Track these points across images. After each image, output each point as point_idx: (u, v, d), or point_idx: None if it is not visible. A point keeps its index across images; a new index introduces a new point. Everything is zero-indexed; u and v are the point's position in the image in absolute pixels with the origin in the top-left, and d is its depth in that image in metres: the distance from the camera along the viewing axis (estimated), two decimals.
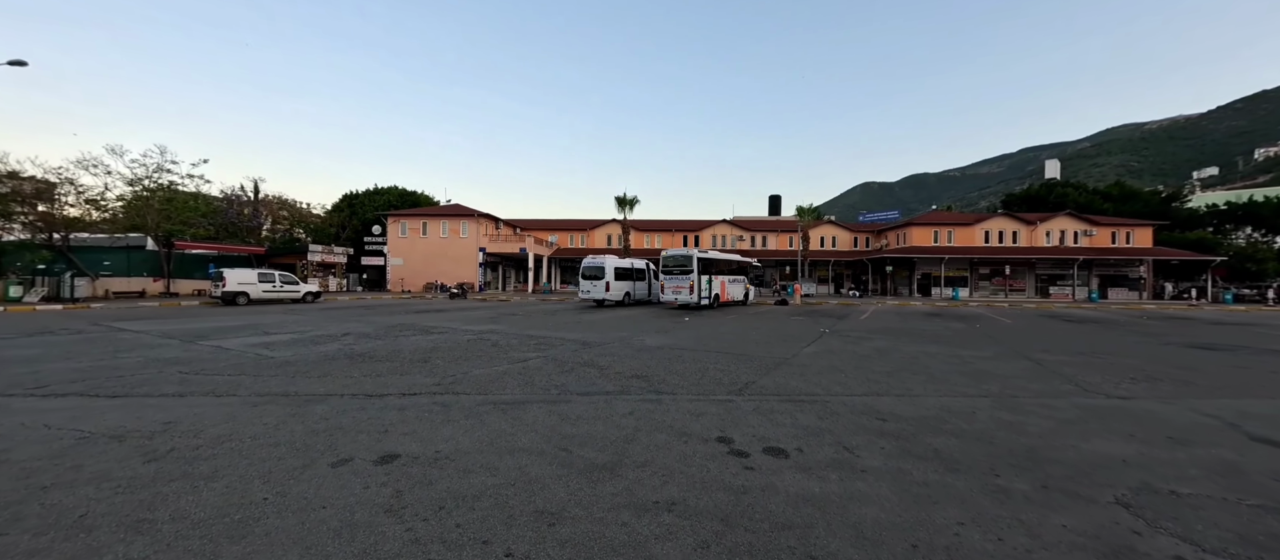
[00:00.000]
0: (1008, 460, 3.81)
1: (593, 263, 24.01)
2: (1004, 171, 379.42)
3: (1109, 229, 41.33)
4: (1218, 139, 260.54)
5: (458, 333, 11.79)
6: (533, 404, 5.21)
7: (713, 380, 6.57)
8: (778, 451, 3.92)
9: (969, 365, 8.08)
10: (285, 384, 6.06)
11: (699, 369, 7.34)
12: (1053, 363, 8.42)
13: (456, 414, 4.78)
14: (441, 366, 7.30)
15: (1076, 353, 9.74)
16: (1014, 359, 8.83)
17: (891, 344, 10.69)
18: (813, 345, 10.33)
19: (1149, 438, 4.41)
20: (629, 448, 3.94)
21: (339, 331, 11.82)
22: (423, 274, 38.67)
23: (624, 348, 9.54)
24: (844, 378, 6.87)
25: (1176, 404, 5.68)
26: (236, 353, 8.52)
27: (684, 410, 5.05)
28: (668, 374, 6.94)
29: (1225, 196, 57.48)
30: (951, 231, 42.21)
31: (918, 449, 4.01)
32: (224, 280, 21.74)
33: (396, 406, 5.05)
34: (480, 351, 8.83)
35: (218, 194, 32.79)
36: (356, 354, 8.41)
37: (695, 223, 51.83)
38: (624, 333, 12.26)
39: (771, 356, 8.68)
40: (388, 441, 4.00)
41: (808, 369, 7.51)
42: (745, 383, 6.44)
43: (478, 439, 4.09)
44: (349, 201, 43.40)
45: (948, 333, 13.25)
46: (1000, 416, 5.01)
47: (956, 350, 9.82)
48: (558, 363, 7.77)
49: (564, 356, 8.39)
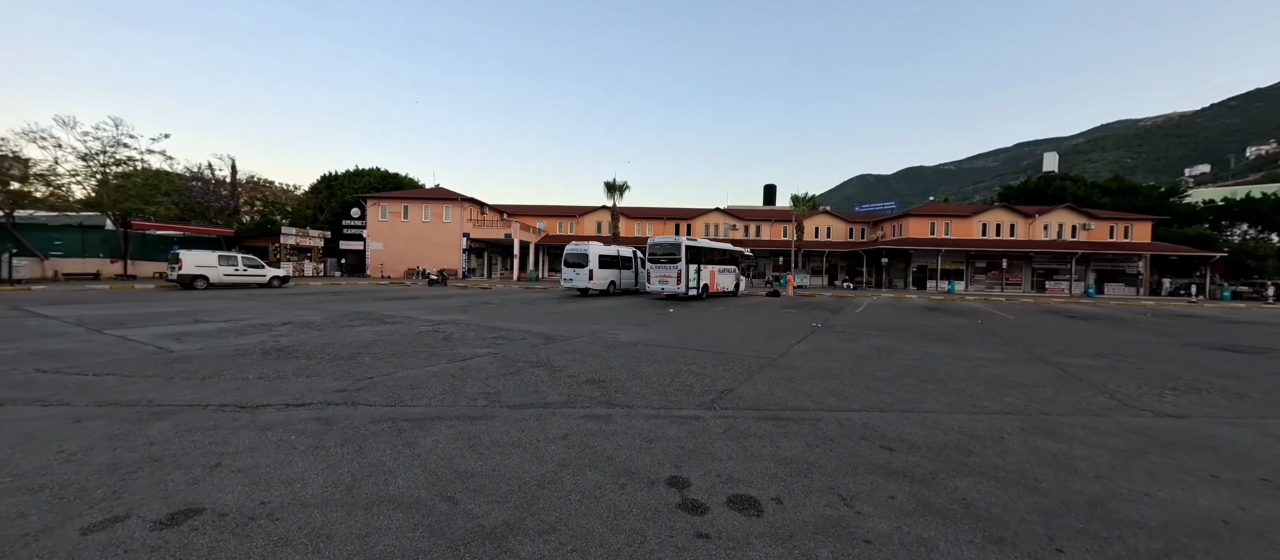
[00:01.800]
0: (1067, 519, 2.74)
1: (575, 249, 22.80)
2: (999, 165, 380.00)
3: (1108, 223, 40.57)
4: (1211, 136, 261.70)
5: (414, 323, 10.63)
6: (443, 421, 4.08)
7: (683, 387, 5.46)
8: (748, 504, 2.82)
9: (982, 369, 7.03)
10: (148, 390, 4.89)
11: (670, 372, 6.24)
12: (1075, 367, 7.39)
13: (333, 438, 3.65)
14: (365, 366, 6.15)
15: (1096, 355, 8.73)
16: (1030, 362, 7.80)
17: (891, 342, 9.65)
18: (804, 343, 9.27)
19: (1239, 480, 3.36)
20: (540, 497, 2.82)
21: (281, 320, 10.62)
22: (404, 259, 37.28)
23: (593, 343, 8.43)
24: (839, 385, 5.79)
25: (1243, 426, 4.65)
26: (135, 345, 7.32)
27: (636, 433, 3.94)
28: (631, 378, 5.83)
29: (1221, 193, 56.95)
30: (949, 223, 41.30)
31: (940, 500, 2.93)
32: (180, 263, 20.34)
33: (262, 425, 3.90)
34: (424, 347, 7.68)
35: (183, 171, 31.10)
36: (277, 349, 7.24)
37: (688, 211, 50.57)
38: (599, 325, 11.14)
39: (757, 356, 7.59)
40: (206, 484, 2.86)
41: (797, 373, 6.43)
42: (721, 391, 5.34)
43: (335, 480, 2.96)
44: (327, 183, 41.69)
45: (951, 329, 12.24)
46: (1038, 444, 3.95)
47: (964, 351, 8.79)
48: (506, 362, 6.64)
49: (518, 354, 7.26)
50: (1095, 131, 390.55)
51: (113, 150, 24.25)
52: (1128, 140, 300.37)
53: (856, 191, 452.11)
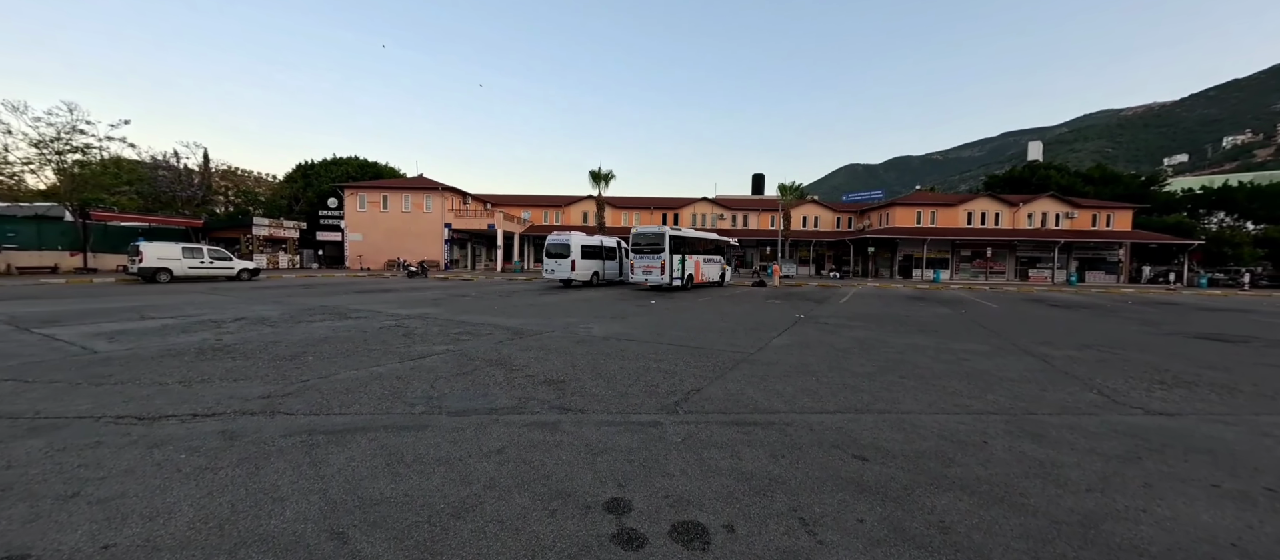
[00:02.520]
0: (1059, 546, 2.38)
1: (557, 240, 22.25)
2: (985, 155, 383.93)
3: (1090, 211, 40.92)
4: (1188, 127, 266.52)
5: (378, 318, 10.10)
6: (366, 434, 3.63)
7: (647, 387, 5.06)
8: (694, 533, 2.43)
9: (965, 363, 6.73)
10: (44, 398, 4.36)
11: (637, 370, 5.83)
12: (1060, 360, 7.13)
13: (230, 457, 3.18)
14: (305, 367, 5.66)
15: (1081, 345, 8.51)
16: (1015, 354, 7.54)
17: (874, 334, 9.35)
18: (784, 335, 8.93)
19: (1243, 491, 3.04)
20: (451, 531, 2.40)
21: (235, 316, 10.02)
22: (384, 251, 36.37)
23: (562, 339, 7.99)
24: (814, 383, 5.43)
25: (1237, 424, 4.37)
26: (59, 345, 6.73)
27: (583, 444, 3.53)
28: (593, 378, 5.41)
29: (1199, 181, 57.82)
30: (935, 212, 41.35)
31: (915, 524, 2.57)
32: (140, 255, 19.42)
33: (154, 441, 3.42)
34: (380, 344, 7.19)
35: (148, 160, 29.81)
36: (215, 348, 6.70)
37: (675, 200, 50.07)
38: (574, 318, 10.71)
39: (733, 350, 7.22)
40: (48, 521, 2.39)
41: (772, 369, 6.07)
42: (687, 392, 4.94)
43: (209, 513, 2.50)
44: (303, 172, 40.39)
45: (934, 320, 12.00)
46: (1024, 450, 3.61)
47: (947, 343, 8.51)
48: (462, 360, 6.18)
49: (478, 351, 6.80)
50: (1078, 121, 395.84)
51: (68, 137, 23.07)
52: (1109, 130, 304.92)
53: (845, 181, 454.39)
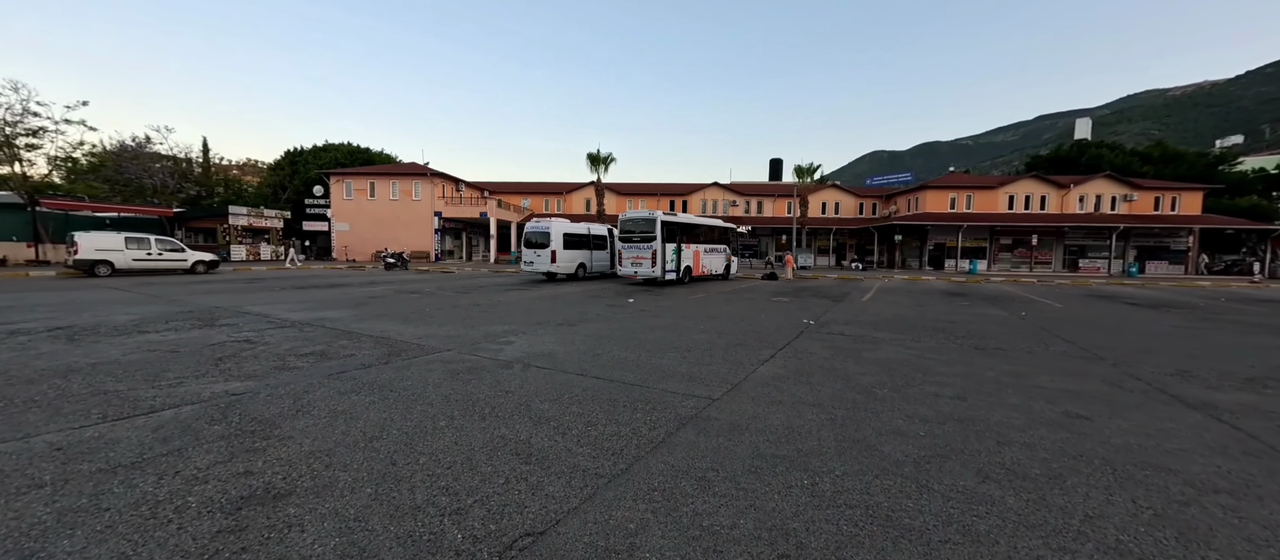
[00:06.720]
0: None
1: (536, 228, 19.66)
2: (1019, 139, 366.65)
3: (1151, 193, 36.36)
4: (1244, 106, 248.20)
5: (243, 328, 7.67)
6: None
7: (430, 524, 2.41)
8: None
9: (1076, 423, 3.86)
10: None
11: (466, 458, 3.17)
12: (1233, 410, 4.20)
13: None
14: None
15: (1242, 379, 5.51)
16: (1151, 398, 4.61)
17: (909, 354, 6.48)
18: (778, 357, 6.14)
19: None
20: None
21: (92, 321, 7.71)
22: (372, 241, 34.48)
23: (443, 369, 5.40)
24: (805, 502, 2.68)
25: None
26: None
27: None
28: (349, 492, 2.78)
29: (1275, 160, 51.84)
30: (971, 196, 37.38)
31: None
32: (76, 246, 17.60)
33: None
34: (162, 369, 4.70)
35: (112, 145, 28.28)
36: None
37: (684, 186, 46.97)
38: (506, 326, 8.12)
39: (687, 393, 4.50)
40: None
41: (734, 440, 3.33)
42: (516, 537, 2.27)
43: None
44: (291, 159, 38.68)
45: (990, 328, 9.01)
46: None
47: (1026, 372, 5.60)
48: (183, 430, 3.62)
49: (259, 400, 4.24)
50: (1121, 102, 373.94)
51: (19, 120, 21.46)
52: (1155, 111, 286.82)
53: (869, 167, 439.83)
